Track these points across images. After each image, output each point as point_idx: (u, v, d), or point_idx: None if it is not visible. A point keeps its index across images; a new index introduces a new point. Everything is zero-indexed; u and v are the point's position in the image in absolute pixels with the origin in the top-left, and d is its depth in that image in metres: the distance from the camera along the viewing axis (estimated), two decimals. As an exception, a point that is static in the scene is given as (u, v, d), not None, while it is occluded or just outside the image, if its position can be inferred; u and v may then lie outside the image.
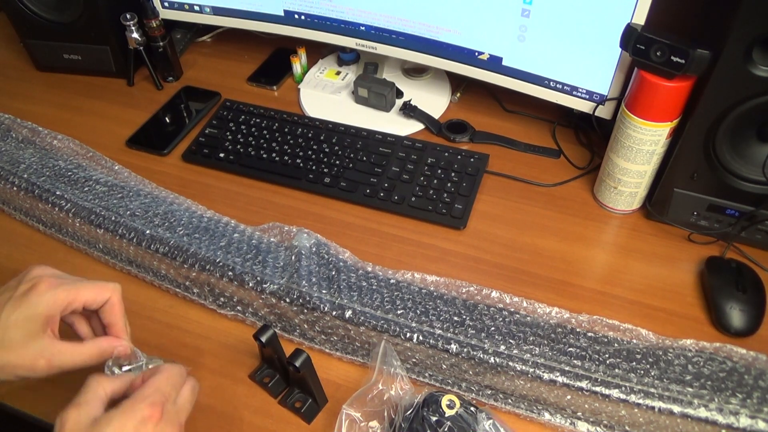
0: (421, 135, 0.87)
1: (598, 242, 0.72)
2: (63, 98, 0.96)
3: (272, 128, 0.86)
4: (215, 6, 0.95)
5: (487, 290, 0.63)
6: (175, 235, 0.68)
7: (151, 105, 0.93)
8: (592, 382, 0.53)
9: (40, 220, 0.75)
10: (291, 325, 0.63)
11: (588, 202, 0.77)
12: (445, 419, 0.50)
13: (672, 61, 0.61)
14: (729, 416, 0.51)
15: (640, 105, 0.65)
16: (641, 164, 0.69)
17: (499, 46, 0.80)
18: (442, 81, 0.95)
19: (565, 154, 0.83)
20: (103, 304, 0.53)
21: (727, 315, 0.62)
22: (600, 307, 0.65)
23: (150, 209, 0.71)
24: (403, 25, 0.85)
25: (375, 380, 0.55)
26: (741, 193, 0.66)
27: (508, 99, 0.91)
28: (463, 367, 0.57)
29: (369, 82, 0.89)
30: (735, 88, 0.59)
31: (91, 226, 0.70)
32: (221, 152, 0.83)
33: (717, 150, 0.64)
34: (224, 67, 1.01)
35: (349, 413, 0.53)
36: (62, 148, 0.83)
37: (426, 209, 0.75)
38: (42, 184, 0.74)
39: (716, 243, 0.70)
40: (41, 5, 0.92)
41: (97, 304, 0.53)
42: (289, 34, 0.93)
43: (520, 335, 0.58)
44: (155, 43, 0.93)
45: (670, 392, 0.53)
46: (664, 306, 0.65)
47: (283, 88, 0.97)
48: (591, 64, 0.75)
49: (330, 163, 0.80)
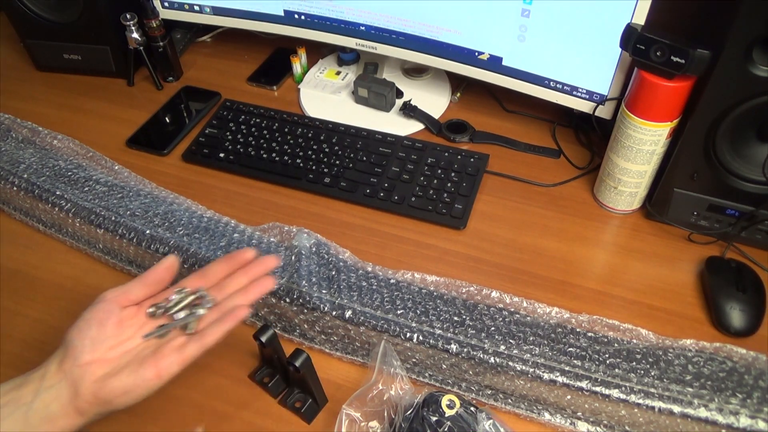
0: (421, 135, 0.87)
1: (598, 242, 0.72)
2: (63, 98, 0.96)
3: (272, 128, 0.86)
4: (215, 6, 0.95)
5: (487, 290, 0.63)
6: (175, 235, 0.68)
7: (151, 105, 0.93)
8: (592, 382, 0.53)
9: (40, 220, 0.75)
10: (291, 325, 0.63)
11: (588, 202, 0.77)
12: (445, 419, 0.50)
13: (672, 61, 0.61)
14: (729, 416, 0.51)
15: (640, 105, 0.65)
16: (641, 164, 0.69)
17: (499, 46, 0.80)
18: (442, 81, 0.95)
19: (565, 154, 0.83)
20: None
21: (727, 315, 0.62)
22: (600, 307, 0.65)
23: (150, 209, 0.71)
24: (403, 25, 0.85)
25: (375, 380, 0.55)
26: (741, 193, 0.66)
27: (508, 99, 0.91)
28: (463, 367, 0.57)
29: (369, 82, 0.89)
30: (735, 88, 0.59)
31: (91, 226, 0.70)
32: (221, 152, 0.83)
33: (717, 150, 0.64)
34: (224, 67, 1.01)
35: (349, 413, 0.53)
36: (62, 148, 0.83)
37: (426, 209, 0.75)
38: (42, 184, 0.74)
39: (716, 243, 0.70)
40: (41, 5, 0.92)
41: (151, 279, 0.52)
42: (289, 34, 0.93)
43: (520, 335, 0.58)
44: (155, 43, 0.93)
45: (670, 392, 0.53)
46: (664, 306, 0.65)
47: (283, 88, 0.97)
48: (591, 64, 0.75)
49: (330, 163, 0.80)
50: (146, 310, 0.51)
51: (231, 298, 0.52)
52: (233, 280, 0.53)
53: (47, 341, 0.64)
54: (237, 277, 0.54)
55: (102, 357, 0.47)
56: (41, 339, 0.64)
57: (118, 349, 0.48)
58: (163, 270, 0.53)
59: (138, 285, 0.52)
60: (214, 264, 0.55)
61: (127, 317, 0.50)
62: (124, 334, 0.49)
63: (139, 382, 0.46)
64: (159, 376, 0.47)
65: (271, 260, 0.55)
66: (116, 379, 0.46)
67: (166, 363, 0.47)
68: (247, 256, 0.55)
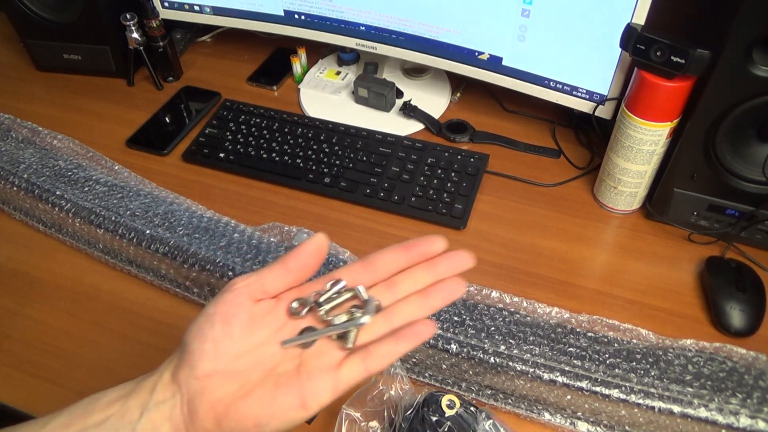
0: (421, 135, 0.87)
1: (598, 242, 0.72)
2: (63, 98, 0.96)
3: (272, 128, 0.86)
4: (215, 6, 0.95)
5: (487, 290, 0.63)
6: (175, 235, 0.68)
7: (151, 105, 0.93)
8: (592, 382, 0.53)
9: (40, 220, 0.75)
10: (291, 325, 0.63)
11: (588, 202, 0.77)
12: (445, 419, 0.50)
13: (672, 61, 0.61)
14: (729, 416, 0.51)
15: (640, 105, 0.65)
16: (641, 164, 0.69)
17: (499, 46, 0.80)
18: (442, 81, 0.95)
19: (565, 154, 0.83)
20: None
21: (727, 315, 0.62)
22: (600, 307, 0.65)
23: (150, 209, 0.71)
24: (403, 25, 0.85)
25: (375, 380, 0.55)
26: (741, 193, 0.66)
27: (508, 99, 0.91)
28: (463, 367, 0.57)
29: (369, 82, 0.89)
30: (735, 88, 0.59)
31: (91, 226, 0.70)
32: (221, 152, 0.83)
33: (717, 150, 0.64)
34: (224, 67, 1.01)
35: (349, 413, 0.53)
36: (62, 148, 0.83)
37: (426, 209, 0.75)
38: (42, 184, 0.74)
39: (716, 243, 0.70)
40: (41, 5, 0.92)
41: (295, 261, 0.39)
42: (289, 34, 0.93)
43: (520, 335, 0.58)
44: (155, 43, 0.93)
45: (670, 392, 0.53)
46: (664, 306, 0.65)
47: (283, 88, 0.97)
48: (591, 64, 0.75)
49: (330, 163, 0.80)
50: (288, 306, 0.38)
51: (405, 303, 0.39)
52: (410, 277, 0.39)
53: (47, 341, 0.64)
54: (415, 273, 0.40)
55: (226, 368, 0.35)
56: (41, 339, 0.64)
57: (249, 359, 0.36)
58: (310, 252, 0.39)
59: (277, 271, 0.38)
60: (386, 252, 0.40)
61: (261, 314, 0.37)
62: (257, 336, 0.37)
63: (276, 412, 0.34)
64: (305, 406, 0.34)
65: (465, 256, 0.40)
66: (245, 403, 0.34)
67: (314, 388, 0.35)
68: (434, 245, 0.39)
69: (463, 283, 0.39)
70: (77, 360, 0.62)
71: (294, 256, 0.38)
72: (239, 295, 0.37)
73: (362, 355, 0.36)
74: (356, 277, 0.39)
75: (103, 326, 0.65)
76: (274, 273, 0.38)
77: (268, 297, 0.38)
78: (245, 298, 0.37)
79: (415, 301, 0.38)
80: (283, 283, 0.38)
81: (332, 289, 0.38)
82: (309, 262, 0.39)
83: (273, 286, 0.38)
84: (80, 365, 0.62)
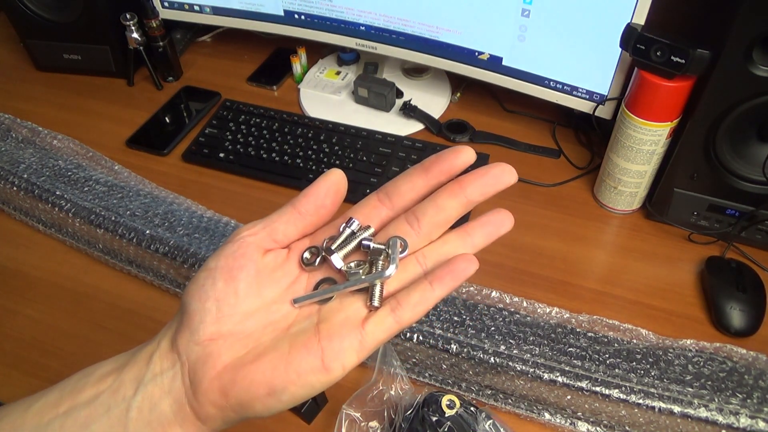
0: (421, 135, 0.87)
1: (598, 242, 0.72)
2: (63, 98, 0.96)
3: (272, 128, 0.86)
4: (215, 6, 0.95)
5: (487, 290, 0.63)
6: (175, 235, 0.68)
7: (151, 105, 0.93)
8: (592, 382, 0.53)
9: (40, 220, 0.75)
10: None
11: (588, 202, 0.77)
12: (445, 419, 0.50)
13: (672, 61, 0.61)
14: (729, 416, 0.51)
15: (640, 105, 0.65)
16: (641, 164, 0.69)
17: (499, 45, 0.80)
18: (442, 81, 0.95)
19: (565, 154, 0.83)
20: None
21: (727, 315, 0.62)
22: (600, 307, 0.65)
23: (150, 209, 0.71)
24: (403, 25, 0.85)
25: (375, 380, 0.55)
26: (741, 193, 0.66)
27: (508, 99, 0.91)
28: (463, 367, 0.57)
29: (369, 82, 0.89)
30: (735, 88, 0.59)
31: (91, 226, 0.70)
32: (221, 152, 0.83)
33: (717, 150, 0.64)
34: (224, 67, 1.01)
35: (349, 413, 0.53)
36: (62, 148, 0.83)
37: (426, 209, 0.74)
38: (42, 184, 0.74)
39: (716, 243, 0.70)
40: (41, 5, 0.92)
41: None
42: (289, 34, 0.93)
43: (520, 335, 0.58)
44: (155, 43, 0.93)
45: (670, 392, 0.53)
46: (664, 306, 0.65)
47: (283, 88, 0.97)
48: (591, 64, 0.75)
49: (330, 163, 0.80)
50: (301, 256, 0.33)
51: (442, 243, 0.33)
52: (435, 204, 0.33)
53: (47, 341, 0.64)
54: (441, 197, 0.33)
55: (232, 330, 0.30)
56: (41, 339, 0.64)
57: (258, 319, 0.31)
58: (326, 191, 0.33)
59: (288, 216, 0.33)
60: (404, 177, 0.34)
61: (270, 267, 0.32)
62: (267, 293, 0.32)
63: (293, 377, 0.29)
64: (327, 369, 0.29)
65: (506, 169, 0.33)
66: (256, 368, 0.29)
67: (337, 347, 0.29)
68: (459, 158, 0.33)
69: (510, 215, 0.33)
70: (77, 360, 0.62)
71: (306, 197, 0.33)
72: (245, 246, 0.32)
73: (391, 305, 0.30)
74: (375, 213, 0.34)
75: (103, 326, 0.65)
76: (284, 219, 0.33)
77: (279, 247, 0.33)
78: (252, 248, 0.32)
79: (451, 240, 0.33)
80: (295, 230, 0.33)
81: (345, 230, 0.33)
82: (325, 203, 0.33)
83: (284, 234, 0.33)
84: (80, 365, 0.61)
